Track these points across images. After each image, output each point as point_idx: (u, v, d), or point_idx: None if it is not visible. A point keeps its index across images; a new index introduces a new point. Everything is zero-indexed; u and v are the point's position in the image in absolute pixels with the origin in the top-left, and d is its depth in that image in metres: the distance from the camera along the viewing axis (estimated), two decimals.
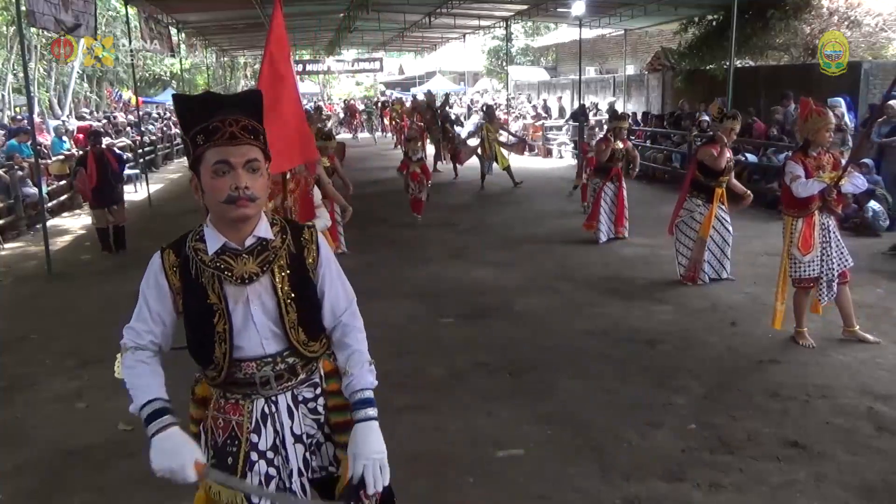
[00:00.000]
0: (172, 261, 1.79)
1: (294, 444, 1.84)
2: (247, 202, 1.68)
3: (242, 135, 1.68)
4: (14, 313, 6.32)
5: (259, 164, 1.71)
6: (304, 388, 1.88)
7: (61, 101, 23.70)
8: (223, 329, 1.75)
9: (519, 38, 31.83)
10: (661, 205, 10.06)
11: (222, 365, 1.77)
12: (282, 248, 1.79)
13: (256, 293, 1.77)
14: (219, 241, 1.76)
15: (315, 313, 1.85)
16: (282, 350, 1.80)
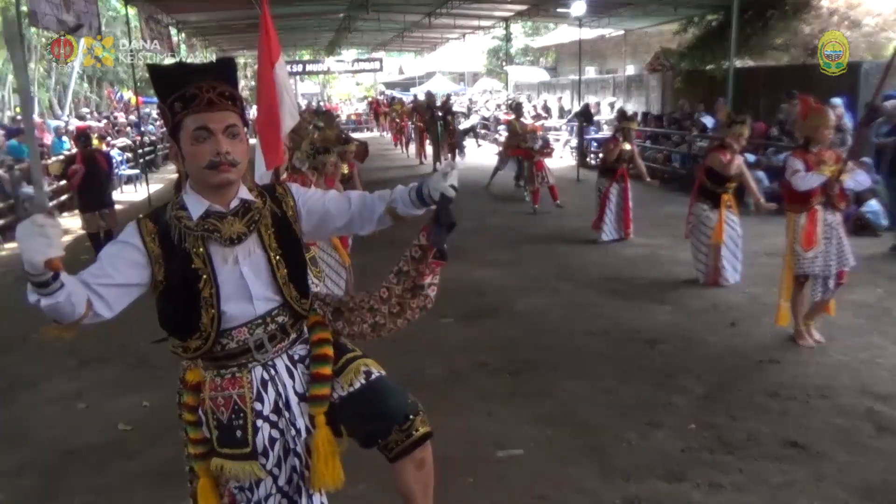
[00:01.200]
0: (150, 228, 1.78)
1: (298, 402, 1.87)
2: (228, 167, 1.71)
3: (220, 100, 1.71)
4: (14, 313, 6.32)
5: (238, 129, 1.74)
6: (299, 347, 1.92)
7: (61, 101, 23.70)
8: (209, 294, 1.75)
9: (519, 38, 31.81)
10: (661, 205, 10.07)
11: (209, 331, 1.77)
12: (264, 207, 1.85)
13: (245, 252, 1.80)
14: (203, 205, 1.78)
15: (302, 269, 1.91)
16: (271, 310, 1.83)
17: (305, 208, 1.92)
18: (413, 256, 1.99)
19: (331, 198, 1.96)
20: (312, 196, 1.95)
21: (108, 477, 3.37)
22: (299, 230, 1.92)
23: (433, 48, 29.19)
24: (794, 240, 4.62)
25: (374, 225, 1.98)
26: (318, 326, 1.97)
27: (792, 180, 4.51)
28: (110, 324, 5.98)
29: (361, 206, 1.95)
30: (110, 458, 3.53)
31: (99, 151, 8.60)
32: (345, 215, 1.95)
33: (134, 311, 1.87)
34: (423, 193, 1.88)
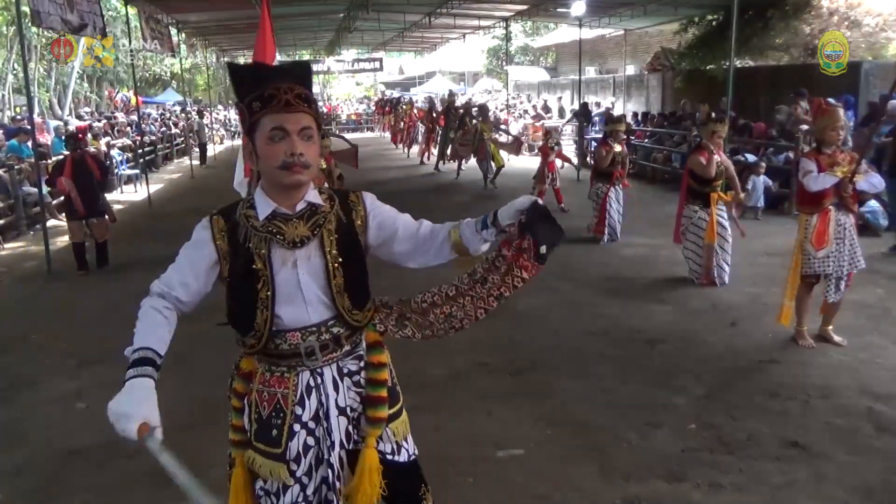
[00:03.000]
0: (221, 225, 1.82)
1: (338, 416, 1.86)
2: (301, 168, 1.72)
3: (297, 102, 1.72)
4: (14, 313, 6.32)
5: (312, 131, 1.75)
6: (350, 361, 1.90)
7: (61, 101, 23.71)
8: (266, 296, 1.77)
9: (519, 38, 31.83)
10: (661, 205, 10.07)
11: (262, 332, 1.79)
12: (331, 212, 1.83)
13: (305, 256, 1.79)
14: (270, 206, 1.79)
15: (362, 279, 1.88)
16: (326, 319, 1.82)
17: (376, 221, 1.89)
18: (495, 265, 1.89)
19: (403, 219, 1.93)
20: (387, 212, 1.92)
21: (108, 477, 3.37)
22: (364, 241, 1.89)
23: (433, 48, 29.20)
24: (804, 239, 4.62)
25: (432, 254, 1.92)
26: (377, 347, 1.94)
27: (804, 181, 4.51)
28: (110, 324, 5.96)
29: (427, 233, 1.92)
30: (110, 458, 3.53)
31: (91, 156, 8.11)
32: (411, 240, 1.91)
33: (134, 311, 1.87)
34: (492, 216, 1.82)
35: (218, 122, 27.50)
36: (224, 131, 27.97)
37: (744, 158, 10.48)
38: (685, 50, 15.41)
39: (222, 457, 3.48)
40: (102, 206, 7.55)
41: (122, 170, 14.80)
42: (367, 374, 1.91)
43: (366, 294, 1.90)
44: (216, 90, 35.39)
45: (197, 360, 4.84)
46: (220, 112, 30.34)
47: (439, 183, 13.75)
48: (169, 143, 20.59)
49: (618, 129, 8.10)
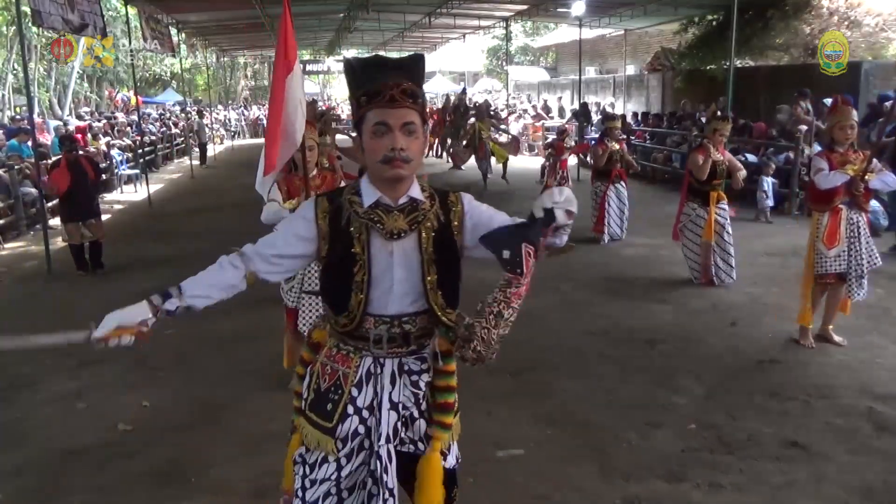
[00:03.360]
0: (325, 207, 1.87)
1: (389, 409, 1.89)
2: (401, 163, 1.75)
3: (402, 98, 1.75)
4: (14, 313, 6.32)
5: (415, 126, 1.77)
6: (412, 360, 1.93)
7: (61, 101, 23.71)
8: (361, 279, 1.82)
9: (519, 38, 31.83)
10: (661, 205, 10.07)
11: (356, 314, 1.84)
12: (430, 210, 1.87)
13: (402, 249, 1.83)
14: (374, 195, 1.83)
15: (454, 279, 1.92)
16: (402, 314, 1.86)
17: (472, 222, 1.92)
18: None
19: (499, 220, 1.93)
20: (483, 212, 1.94)
21: (108, 477, 3.37)
22: (460, 242, 1.92)
23: (433, 48, 29.16)
24: (816, 238, 4.61)
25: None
26: (449, 356, 1.96)
27: (815, 179, 4.51)
28: None
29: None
30: (110, 458, 3.53)
31: (86, 157, 8.04)
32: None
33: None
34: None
35: (218, 123, 27.49)
36: (224, 131, 27.96)
37: (744, 158, 10.48)
38: (685, 50, 15.41)
39: (222, 457, 3.50)
40: (97, 207, 7.57)
41: (122, 170, 14.80)
42: (437, 381, 1.95)
43: (457, 294, 1.94)
44: (216, 90, 35.40)
45: (197, 361, 4.84)
46: (219, 112, 30.33)
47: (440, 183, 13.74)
48: (169, 143, 20.59)
49: (613, 126, 8.11)
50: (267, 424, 3.82)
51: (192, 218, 10.81)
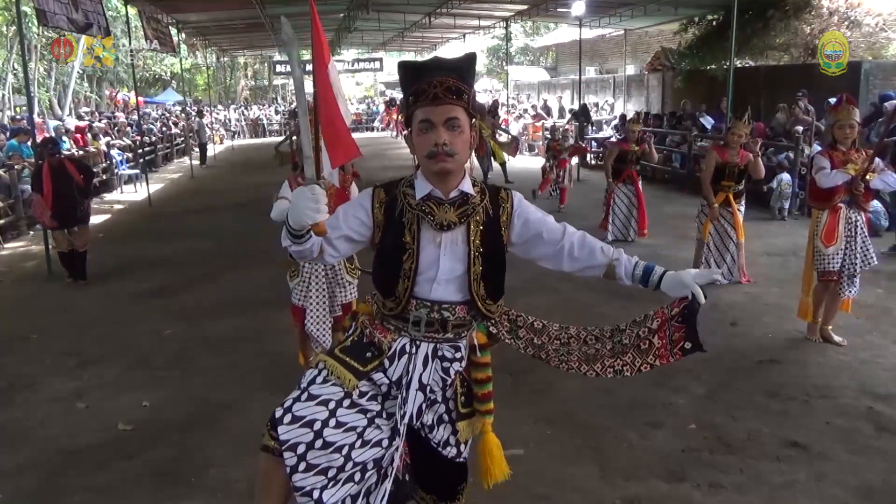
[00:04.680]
0: (382, 197, 1.97)
1: (417, 390, 1.96)
2: (445, 157, 1.85)
3: (445, 95, 1.85)
4: (14, 313, 6.32)
5: (459, 122, 1.86)
6: (447, 347, 2.00)
7: (61, 101, 23.71)
8: (409, 267, 1.92)
9: (519, 37, 31.83)
10: (661, 205, 10.07)
11: (402, 299, 1.93)
12: (480, 205, 1.96)
13: (450, 240, 1.93)
14: (426, 188, 1.93)
15: (499, 272, 2.00)
16: (443, 301, 1.95)
17: (521, 220, 2.01)
18: (639, 335, 2.09)
19: (548, 224, 2.04)
20: (534, 213, 2.04)
21: (108, 477, 3.37)
22: (507, 237, 2.01)
23: (433, 48, 29.16)
24: (815, 236, 4.63)
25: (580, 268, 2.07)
26: (485, 349, 2.08)
27: (816, 177, 4.52)
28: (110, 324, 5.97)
29: (579, 245, 2.04)
30: (110, 458, 3.53)
31: (71, 160, 7.44)
32: (555, 244, 2.04)
33: (134, 311, 1.87)
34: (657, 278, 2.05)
35: (218, 122, 27.48)
36: (224, 131, 27.96)
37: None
38: (685, 50, 15.40)
39: (222, 457, 3.50)
40: (82, 214, 7.03)
41: (122, 170, 14.80)
42: (477, 374, 2.05)
43: (500, 288, 2.03)
44: (216, 90, 35.38)
45: (197, 361, 4.84)
46: (220, 112, 30.32)
47: None
48: (169, 143, 20.59)
49: (632, 129, 8.12)
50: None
51: (192, 218, 10.81)
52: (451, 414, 2.02)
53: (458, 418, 2.03)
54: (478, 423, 2.05)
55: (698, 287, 2.01)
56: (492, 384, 2.07)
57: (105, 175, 14.03)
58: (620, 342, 2.08)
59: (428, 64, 1.96)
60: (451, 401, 2.02)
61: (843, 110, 4.49)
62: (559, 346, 2.14)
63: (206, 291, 6.52)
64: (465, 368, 2.04)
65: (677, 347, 2.02)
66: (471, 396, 2.06)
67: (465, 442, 2.05)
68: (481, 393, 2.05)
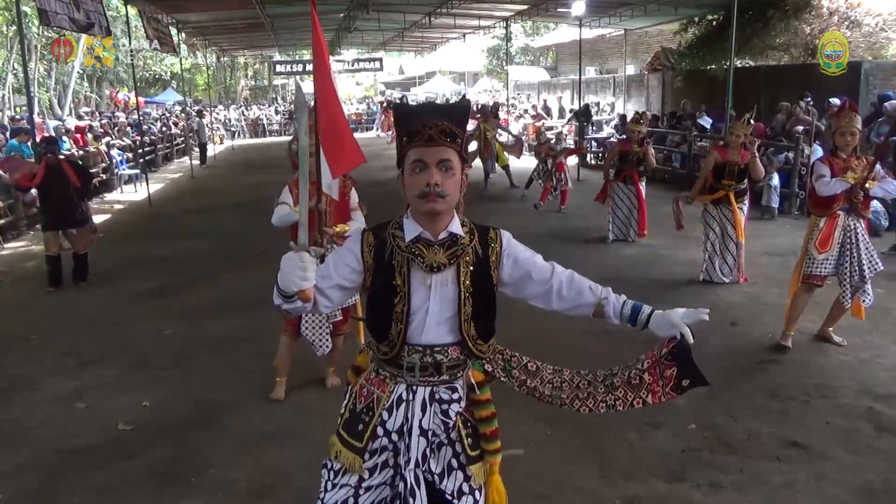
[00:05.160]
0: (371, 241, 1.97)
1: (419, 436, 1.96)
2: (436, 198, 1.85)
3: (439, 137, 1.86)
4: (14, 313, 6.32)
5: (452, 164, 1.87)
6: (443, 389, 2.00)
7: (61, 101, 23.71)
8: (401, 310, 1.92)
9: (519, 38, 31.83)
10: (660, 205, 10.04)
11: (396, 342, 1.93)
12: (469, 245, 1.96)
13: (440, 282, 1.93)
14: (415, 230, 1.93)
15: (489, 312, 2.00)
16: (434, 344, 1.94)
17: (511, 259, 2.02)
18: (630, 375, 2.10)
19: (537, 264, 2.06)
20: (523, 252, 2.05)
21: (108, 477, 3.37)
22: (497, 277, 2.01)
23: (433, 48, 29.20)
24: (809, 241, 4.63)
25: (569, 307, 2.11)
26: (483, 386, 2.06)
27: (815, 185, 4.51)
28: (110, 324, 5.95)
29: (567, 284, 2.07)
30: (110, 458, 3.53)
31: (69, 161, 7.28)
32: (545, 283, 2.05)
33: (134, 311, 1.87)
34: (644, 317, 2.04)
35: (218, 122, 27.48)
36: (224, 131, 27.97)
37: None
38: (685, 50, 15.39)
39: (222, 457, 3.50)
40: (82, 216, 6.88)
41: (122, 170, 14.80)
42: (479, 413, 2.03)
43: (491, 327, 2.03)
44: (216, 90, 35.38)
45: (197, 361, 4.84)
46: (220, 112, 30.33)
47: None
48: (169, 143, 20.60)
49: (634, 129, 8.13)
50: (267, 424, 3.82)
51: (192, 218, 10.81)
52: (460, 457, 1.99)
53: (469, 462, 2.00)
54: (488, 464, 2.04)
55: (686, 327, 1.98)
56: (496, 422, 2.06)
57: (105, 175, 14.03)
58: (612, 384, 2.12)
59: (424, 108, 1.98)
60: (458, 443, 2.00)
61: (845, 117, 4.48)
62: (552, 388, 2.20)
63: (206, 291, 6.52)
64: (466, 408, 2.03)
65: (669, 386, 2.02)
66: (477, 437, 2.03)
67: (479, 489, 2.02)
68: (488, 431, 2.04)
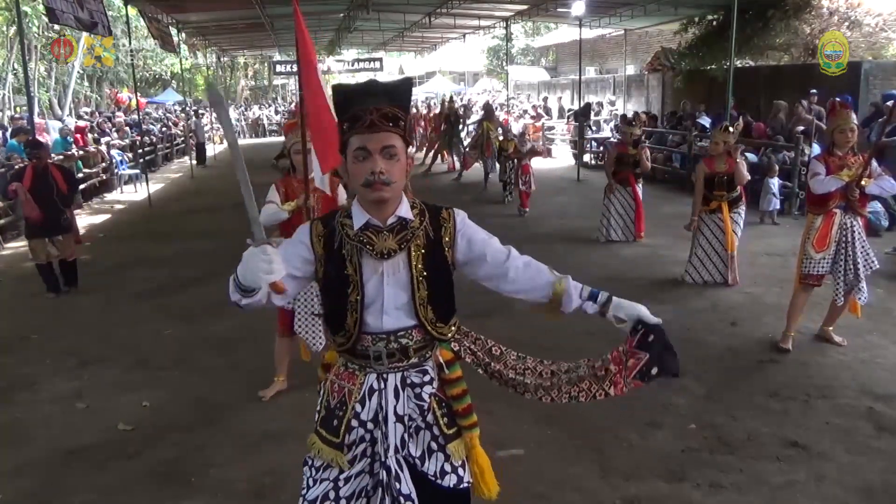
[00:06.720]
0: (320, 231, 1.92)
1: (395, 422, 1.94)
2: (381, 186, 1.79)
3: (381, 122, 1.79)
4: (14, 313, 6.32)
5: (395, 150, 1.81)
6: (414, 373, 1.97)
7: (61, 101, 23.70)
8: (355, 299, 1.88)
9: (519, 38, 31.84)
10: (660, 205, 10.06)
11: (352, 332, 1.90)
12: (419, 228, 1.91)
13: (391, 268, 1.88)
14: (363, 217, 1.88)
15: (446, 294, 1.97)
16: (398, 329, 1.90)
17: (465, 240, 1.98)
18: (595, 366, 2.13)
19: (492, 245, 2.03)
20: (478, 232, 2.02)
21: (109, 477, 3.37)
22: (451, 257, 1.97)
23: (433, 48, 29.19)
24: (806, 240, 4.63)
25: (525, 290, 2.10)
26: (452, 364, 2.02)
27: (811, 183, 4.51)
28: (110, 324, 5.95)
29: (524, 266, 2.05)
30: (110, 458, 3.53)
31: (57, 166, 7.03)
32: (499, 267, 2.02)
33: (134, 311, 1.87)
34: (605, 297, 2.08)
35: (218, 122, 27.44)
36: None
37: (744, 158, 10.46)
38: (685, 50, 15.39)
39: (222, 457, 3.50)
40: (66, 222, 6.67)
41: (122, 170, 14.80)
42: (450, 391, 2.00)
43: (450, 308, 1.99)
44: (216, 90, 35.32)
45: (197, 361, 4.84)
46: None
47: (439, 183, 13.75)
48: (169, 143, 20.60)
49: (629, 131, 8.13)
50: (267, 424, 3.82)
51: (192, 218, 10.80)
52: (439, 440, 1.97)
53: (447, 441, 1.98)
54: (466, 440, 2.01)
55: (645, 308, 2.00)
56: (469, 397, 2.02)
57: (105, 175, 14.03)
58: (577, 375, 2.12)
59: (364, 88, 1.88)
60: (435, 426, 1.97)
61: (841, 115, 4.48)
62: (515, 374, 2.17)
63: (207, 291, 6.51)
64: (439, 388, 1.99)
65: (633, 374, 2.01)
66: (452, 415, 2.00)
67: (461, 465, 2.00)
68: (461, 408, 2.01)
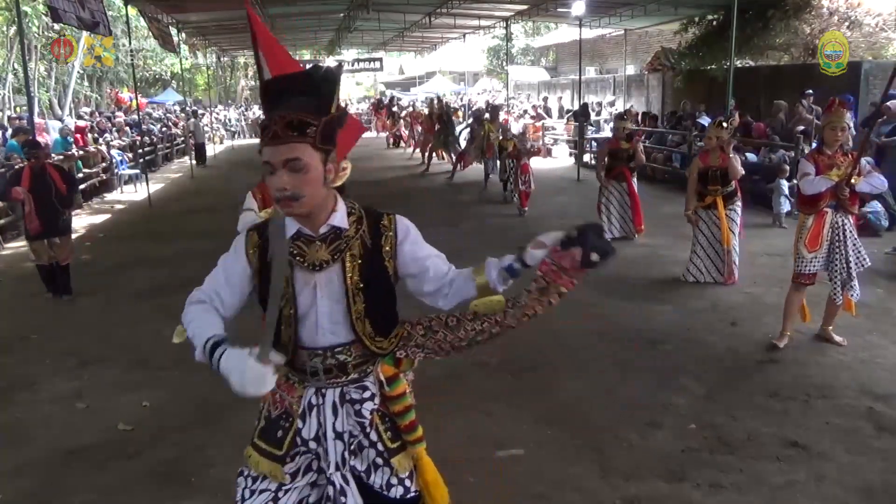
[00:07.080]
0: (255, 241, 1.80)
1: (334, 439, 1.85)
2: (289, 202, 1.65)
3: (285, 133, 1.61)
4: (14, 313, 6.32)
5: (301, 163, 1.62)
6: (353, 389, 1.86)
7: (61, 101, 23.70)
8: (289, 314, 1.76)
9: (519, 37, 31.84)
10: (660, 205, 10.06)
11: (288, 347, 1.79)
12: (355, 237, 1.77)
13: (325, 281, 1.76)
14: (294, 226, 1.76)
15: (386, 305, 1.85)
16: (334, 345, 1.80)
17: (407, 250, 1.83)
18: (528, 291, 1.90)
19: (435, 260, 1.87)
20: (421, 245, 1.86)
21: (109, 477, 3.37)
22: (392, 267, 1.82)
23: (433, 48, 29.18)
24: (798, 239, 4.63)
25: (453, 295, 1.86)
26: (395, 381, 1.90)
27: (800, 184, 4.51)
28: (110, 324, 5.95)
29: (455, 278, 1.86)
30: (110, 458, 3.53)
31: (54, 166, 6.91)
32: (439, 280, 1.85)
33: (134, 311, 1.87)
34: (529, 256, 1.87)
35: (218, 122, 27.47)
36: (224, 131, 27.97)
37: (744, 158, 10.47)
38: (685, 50, 15.39)
39: (222, 457, 3.49)
40: (64, 224, 6.58)
41: (122, 170, 14.80)
42: (394, 407, 1.89)
43: (391, 321, 1.87)
44: (216, 90, 35.38)
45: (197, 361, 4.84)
46: (220, 112, 30.32)
47: (439, 184, 13.74)
48: (169, 143, 20.61)
49: (622, 125, 8.13)
50: None
51: (192, 218, 10.79)
52: (384, 454, 1.87)
53: (391, 455, 1.87)
54: (412, 453, 1.90)
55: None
56: (413, 412, 1.91)
57: (105, 175, 14.03)
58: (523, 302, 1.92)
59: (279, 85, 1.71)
60: (379, 443, 1.87)
61: (836, 112, 4.48)
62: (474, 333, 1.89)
63: None
64: (381, 404, 1.88)
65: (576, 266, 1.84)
66: (396, 430, 1.89)
67: (408, 476, 1.91)
68: (404, 424, 1.89)
